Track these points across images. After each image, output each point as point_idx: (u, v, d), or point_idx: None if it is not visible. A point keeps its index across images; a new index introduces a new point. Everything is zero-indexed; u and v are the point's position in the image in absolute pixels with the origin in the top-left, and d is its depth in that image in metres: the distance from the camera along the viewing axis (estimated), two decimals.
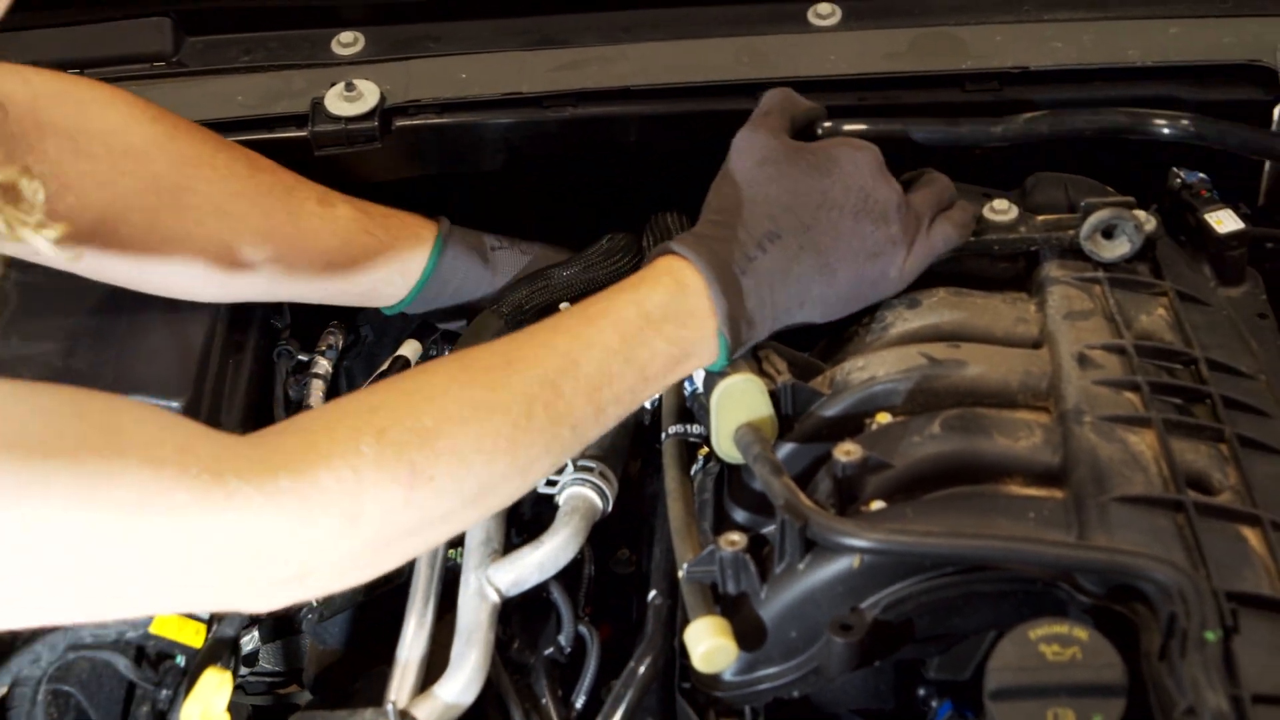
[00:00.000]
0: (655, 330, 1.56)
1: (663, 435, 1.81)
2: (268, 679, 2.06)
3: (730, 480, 1.73)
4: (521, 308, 1.92)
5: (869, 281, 1.67)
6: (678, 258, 1.60)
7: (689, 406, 1.81)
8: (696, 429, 1.79)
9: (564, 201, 2.13)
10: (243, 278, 1.82)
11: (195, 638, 1.73)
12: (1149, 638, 1.38)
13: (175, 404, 1.81)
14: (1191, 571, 1.37)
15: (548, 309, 1.93)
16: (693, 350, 1.59)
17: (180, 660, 1.74)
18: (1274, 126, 1.91)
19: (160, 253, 1.76)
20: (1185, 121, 1.63)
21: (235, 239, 1.79)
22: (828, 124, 1.80)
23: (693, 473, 1.78)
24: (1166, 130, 1.63)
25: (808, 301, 1.65)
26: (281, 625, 1.99)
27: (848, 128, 1.78)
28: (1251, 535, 1.46)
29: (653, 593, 1.72)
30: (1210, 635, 1.32)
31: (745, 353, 1.67)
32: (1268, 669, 1.33)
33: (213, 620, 1.76)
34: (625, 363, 1.54)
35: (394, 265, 1.90)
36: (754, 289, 1.61)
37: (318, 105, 2.01)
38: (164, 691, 1.72)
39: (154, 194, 1.75)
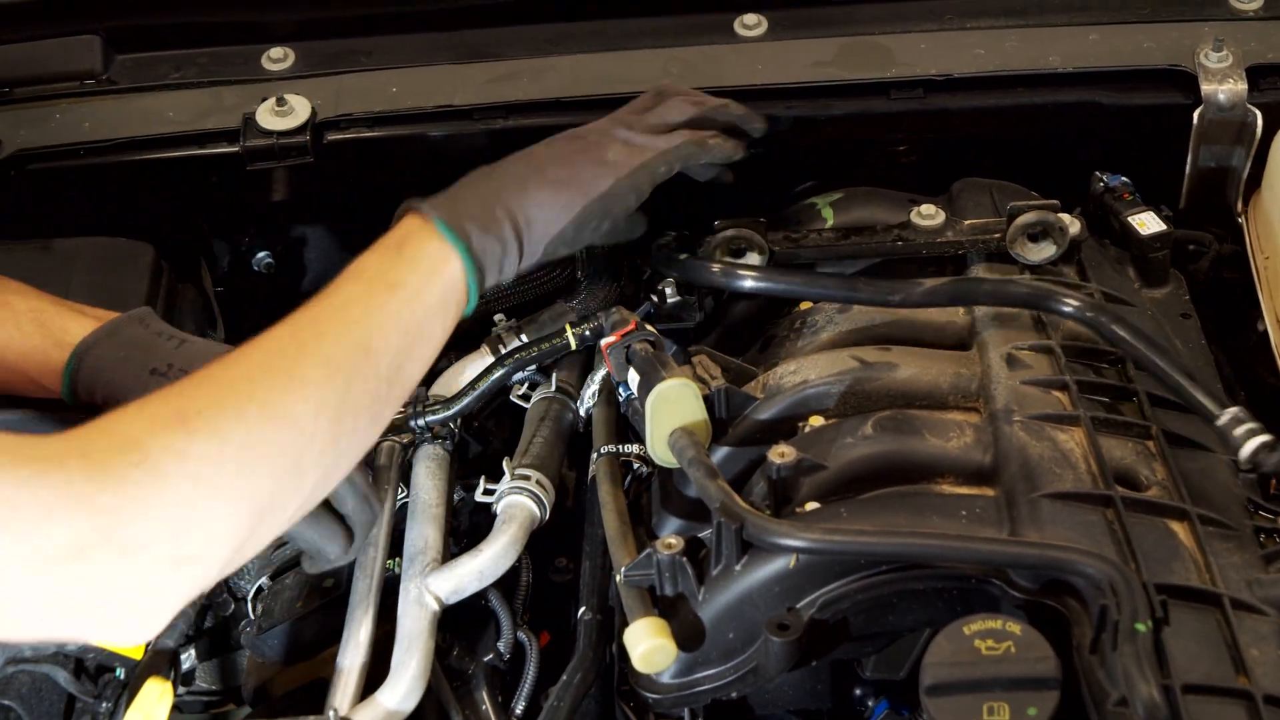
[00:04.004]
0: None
1: (594, 455, 1.82)
2: (204, 698, 2.04)
3: (665, 485, 1.74)
4: None
5: (590, 162, 1.69)
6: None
7: (624, 413, 1.82)
8: (630, 448, 1.81)
9: None
10: None
11: (135, 650, 1.72)
12: (1081, 631, 1.41)
13: None
14: (1122, 565, 1.40)
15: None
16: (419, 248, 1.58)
17: (120, 672, 1.73)
18: (1194, 131, 1.94)
19: None
20: (1076, 303, 1.68)
21: None
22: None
23: (626, 484, 1.80)
24: (1066, 309, 1.69)
25: (531, 185, 1.65)
26: (218, 643, 1.98)
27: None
28: (1179, 529, 1.49)
29: (582, 609, 1.73)
30: (1141, 627, 1.34)
31: (671, 354, 1.71)
32: (1197, 659, 1.36)
33: None
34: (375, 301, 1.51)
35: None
36: (467, 191, 1.64)
37: (249, 120, 2.01)
38: (104, 704, 1.71)
39: None
